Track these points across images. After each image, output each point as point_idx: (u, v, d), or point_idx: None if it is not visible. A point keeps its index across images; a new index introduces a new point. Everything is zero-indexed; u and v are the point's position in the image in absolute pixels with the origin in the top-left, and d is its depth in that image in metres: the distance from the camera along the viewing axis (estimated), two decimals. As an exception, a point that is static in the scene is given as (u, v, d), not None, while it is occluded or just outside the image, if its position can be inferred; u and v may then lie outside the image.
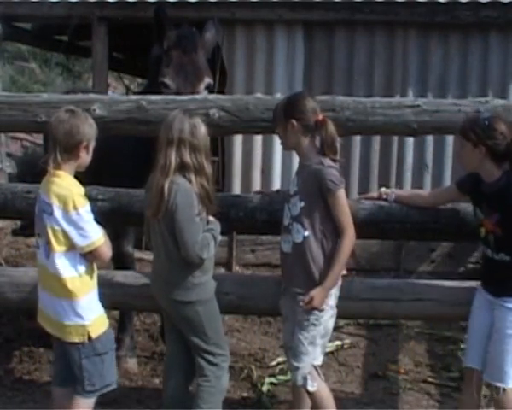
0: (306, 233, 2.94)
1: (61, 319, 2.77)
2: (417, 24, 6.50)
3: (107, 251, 2.79)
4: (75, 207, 2.67)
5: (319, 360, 3.03)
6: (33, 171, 7.56)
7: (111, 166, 3.72)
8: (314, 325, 2.96)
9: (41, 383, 3.99)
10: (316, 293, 2.91)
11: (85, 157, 2.80)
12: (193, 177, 2.86)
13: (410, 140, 6.40)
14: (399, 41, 6.61)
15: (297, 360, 2.99)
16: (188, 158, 2.85)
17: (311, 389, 2.98)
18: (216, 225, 3.02)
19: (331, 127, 2.97)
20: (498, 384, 2.92)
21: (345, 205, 2.94)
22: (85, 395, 2.83)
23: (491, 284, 3.01)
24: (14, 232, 7.30)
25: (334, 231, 2.96)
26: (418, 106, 3.17)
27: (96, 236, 2.72)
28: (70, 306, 2.75)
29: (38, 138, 9.65)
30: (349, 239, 2.93)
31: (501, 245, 2.90)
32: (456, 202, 3.25)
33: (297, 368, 2.98)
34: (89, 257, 2.77)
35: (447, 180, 6.50)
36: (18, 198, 3.45)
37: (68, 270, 2.74)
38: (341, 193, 2.92)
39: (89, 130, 2.77)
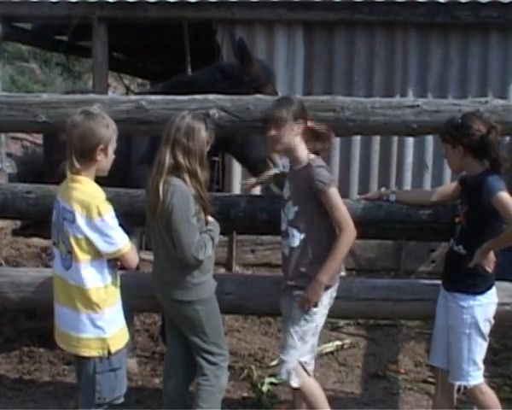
0: (303, 236, 2.96)
1: (79, 332, 2.65)
2: (417, 24, 6.50)
3: (134, 258, 2.70)
4: (100, 214, 2.55)
5: (306, 358, 3.02)
6: (33, 171, 7.58)
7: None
8: (306, 320, 2.97)
9: (41, 383, 3.99)
10: (312, 288, 2.92)
11: (104, 161, 2.67)
12: (187, 178, 2.85)
13: (410, 140, 6.41)
14: (399, 41, 6.62)
15: (284, 352, 2.99)
16: (181, 159, 2.84)
17: (294, 384, 2.99)
18: (214, 226, 3.02)
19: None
20: (459, 383, 2.94)
21: (338, 202, 2.92)
22: (90, 406, 2.74)
23: (446, 278, 3.06)
24: (14, 232, 7.30)
25: (333, 230, 2.97)
26: (418, 106, 3.17)
27: (122, 242, 2.62)
28: (90, 318, 2.63)
29: (38, 138, 9.65)
30: (346, 236, 2.90)
31: (462, 237, 2.95)
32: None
33: (283, 361, 2.98)
34: (116, 264, 2.68)
35: (447, 180, 6.50)
36: (18, 198, 3.46)
37: (93, 280, 2.63)
38: (333, 191, 2.91)
39: (105, 132, 2.63)
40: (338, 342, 4.65)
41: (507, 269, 3.14)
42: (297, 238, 2.97)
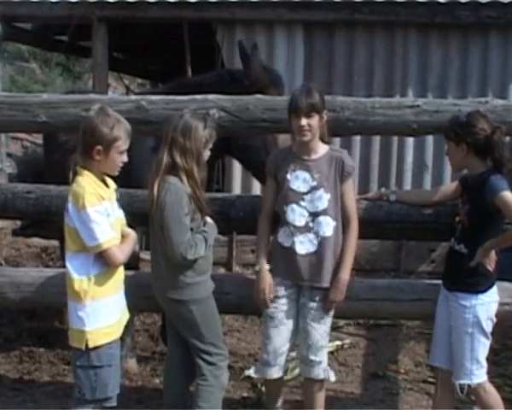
0: (335, 223, 2.98)
1: (70, 320, 2.75)
2: (417, 24, 6.50)
3: (117, 255, 2.70)
4: (84, 206, 2.61)
5: None
6: (33, 171, 7.56)
7: None
8: (330, 316, 3.04)
9: (41, 383, 3.99)
10: (338, 287, 2.98)
11: (106, 162, 2.69)
12: (184, 177, 2.85)
13: (410, 140, 6.41)
14: (399, 41, 6.61)
15: (319, 354, 3.01)
16: (178, 158, 2.84)
17: (332, 379, 3.07)
18: (210, 228, 3.00)
19: None
20: (462, 382, 2.95)
21: (352, 191, 3.04)
22: (75, 402, 2.80)
23: (447, 277, 3.06)
24: (14, 232, 7.30)
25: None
26: (418, 106, 3.17)
27: (103, 238, 2.64)
28: (74, 308, 2.71)
29: (38, 138, 9.63)
30: (356, 227, 3.02)
31: (463, 236, 2.95)
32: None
33: (320, 362, 3.01)
34: (102, 259, 2.71)
35: (447, 180, 6.50)
36: (18, 198, 3.46)
37: (78, 271, 2.69)
38: (352, 180, 3.02)
39: (106, 133, 2.65)
40: (338, 342, 4.64)
41: (507, 269, 3.15)
42: (331, 226, 2.97)
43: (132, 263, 3.75)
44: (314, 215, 2.96)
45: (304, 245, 2.98)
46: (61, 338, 2.88)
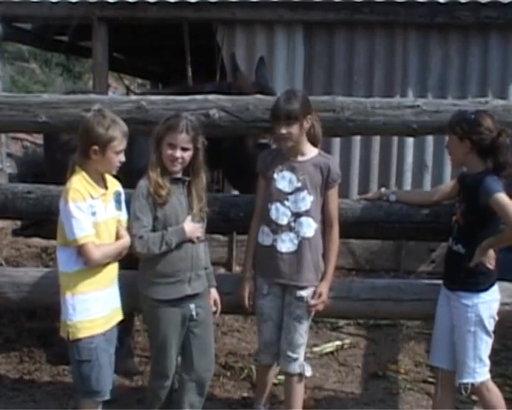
0: (317, 225, 3.03)
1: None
2: (417, 24, 6.50)
3: (91, 252, 2.70)
4: (66, 200, 2.69)
5: None
6: (34, 171, 7.56)
7: None
8: (310, 315, 3.10)
9: (41, 383, 3.99)
10: (324, 288, 3.06)
11: (102, 161, 2.76)
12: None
13: (410, 140, 6.41)
14: (399, 41, 6.61)
15: (297, 351, 3.08)
16: None
17: (308, 374, 3.12)
18: (173, 231, 2.90)
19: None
20: (465, 381, 2.95)
21: (337, 197, 3.10)
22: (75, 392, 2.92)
23: (448, 277, 3.07)
24: (15, 232, 7.30)
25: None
26: (418, 106, 3.18)
27: (79, 233, 2.68)
28: (62, 300, 2.81)
29: (39, 139, 9.64)
30: (338, 228, 3.08)
31: (460, 236, 2.96)
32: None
33: (296, 359, 3.08)
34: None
35: (447, 180, 6.49)
36: (18, 198, 3.46)
37: (62, 264, 2.80)
38: (337, 186, 3.08)
39: (102, 133, 2.71)
40: (338, 342, 4.64)
41: (507, 269, 3.15)
42: (312, 228, 3.02)
43: (132, 263, 3.76)
44: (296, 215, 3.01)
45: (285, 244, 3.04)
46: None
